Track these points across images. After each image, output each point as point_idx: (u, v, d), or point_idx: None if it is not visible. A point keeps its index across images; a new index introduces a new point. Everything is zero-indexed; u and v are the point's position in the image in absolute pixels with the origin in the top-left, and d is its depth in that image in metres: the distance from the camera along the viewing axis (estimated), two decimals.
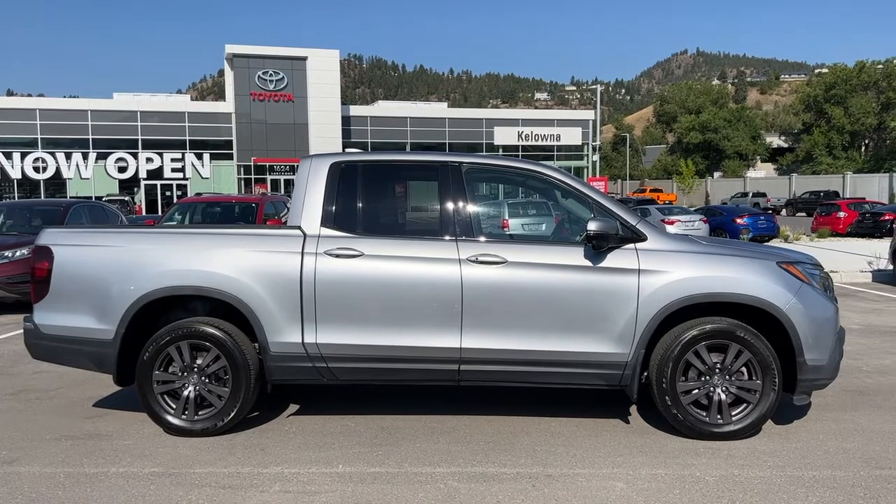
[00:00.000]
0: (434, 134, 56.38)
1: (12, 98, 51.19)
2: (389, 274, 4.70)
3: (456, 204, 4.85)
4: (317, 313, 4.72)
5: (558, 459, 4.35)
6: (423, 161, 5.09)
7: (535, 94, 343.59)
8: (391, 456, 4.43)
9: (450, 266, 4.69)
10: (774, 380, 4.61)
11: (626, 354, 4.65)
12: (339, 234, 4.80)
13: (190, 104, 54.30)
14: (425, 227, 4.91)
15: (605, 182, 39.05)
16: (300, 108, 50.54)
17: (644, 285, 4.63)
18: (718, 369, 4.67)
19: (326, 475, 4.13)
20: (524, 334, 4.68)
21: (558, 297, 4.66)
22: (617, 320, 4.64)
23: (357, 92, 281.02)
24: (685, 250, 4.74)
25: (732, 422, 4.66)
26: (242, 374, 4.77)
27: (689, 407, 4.68)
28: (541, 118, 61.23)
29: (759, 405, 4.64)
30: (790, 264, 4.74)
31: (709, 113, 78.33)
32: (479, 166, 5.08)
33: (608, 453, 4.46)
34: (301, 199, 4.90)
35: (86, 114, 49.91)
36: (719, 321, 4.66)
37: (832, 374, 4.75)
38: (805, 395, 4.77)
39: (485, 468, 4.22)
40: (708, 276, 4.63)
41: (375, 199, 5.00)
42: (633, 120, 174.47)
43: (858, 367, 6.80)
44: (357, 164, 4.99)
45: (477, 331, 4.69)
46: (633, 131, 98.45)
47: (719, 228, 24.32)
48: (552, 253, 4.74)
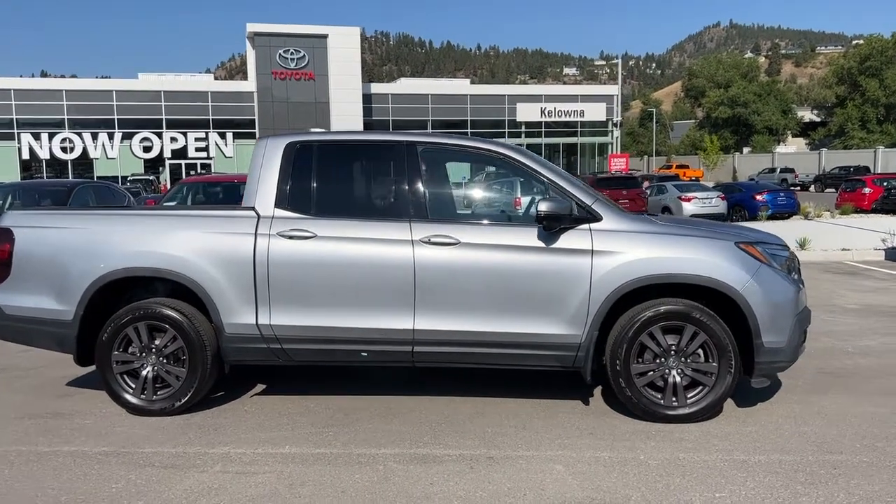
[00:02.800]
0: (456, 111, 56.12)
1: (40, 79, 52.17)
2: (342, 255, 4.69)
3: (410, 184, 4.80)
4: (270, 295, 4.73)
5: (506, 441, 4.33)
6: (379, 141, 5.05)
7: (564, 69, 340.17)
8: (340, 437, 4.45)
9: (403, 247, 4.66)
10: (731, 362, 4.53)
11: (579, 336, 4.60)
12: (292, 215, 4.79)
13: (213, 84, 54.65)
14: (380, 208, 4.88)
15: (626, 158, 38.59)
16: (321, 86, 50.55)
17: (597, 266, 4.56)
18: (674, 351, 4.60)
19: (270, 456, 4.16)
20: (477, 316, 4.65)
21: (510, 279, 4.62)
22: (569, 302, 4.58)
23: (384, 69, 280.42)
24: (641, 230, 4.66)
25: (687, 404, 4.60)
26: (199, 354, 4.81)
27: (644, 389, 4.63)
28: (564, 94, 60.58)
29: (714, 388, 4.57)
30: (749, 244, 4.64)
31: (738, 87, 76.72)
32: (435, 146, 5.02)
33: (557, 435, 4.43)
34: (256, 180, 4.89)
35: (111, 94, 50.45)
36: (674, 302, 4.58)
37: (791, 356, 4.65)
38: (764, 378, 4.68)
39: (430, 450, 4.21)
40: (662, 256, 4.55)
41: (330, 180, 4.97)
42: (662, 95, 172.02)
43: (843, 347, 6.67)
44: (312, 145, 4.96)
45: (430, 312, 4.67)
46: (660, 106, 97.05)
47: (738, 205, 23.95)
48: (505, 234, 4.68)
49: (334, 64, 50.54)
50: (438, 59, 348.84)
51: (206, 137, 51.47)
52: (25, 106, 49.08)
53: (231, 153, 51.50)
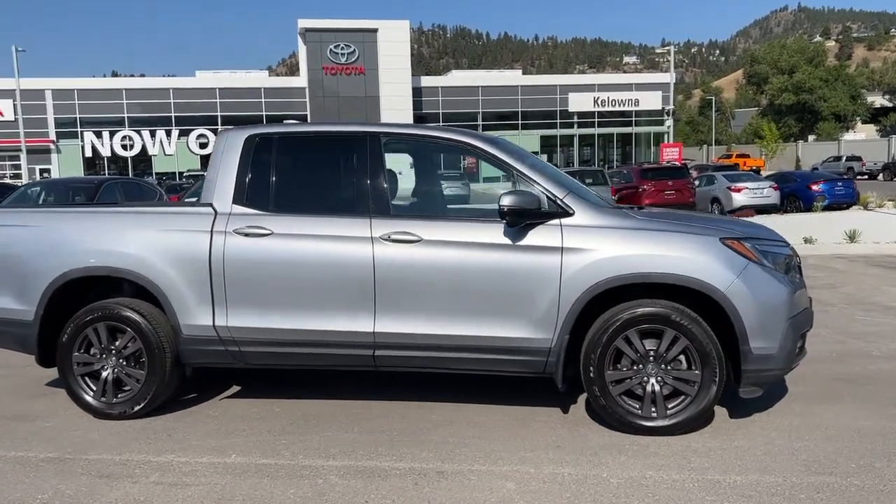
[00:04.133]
0: (506, 103, 55.57)
1: (101, 79, 53.72)
2: (299, 254, 4.46)
3: (372, 178, 4.53)
4: (227, 295, 4.53)
5: (464, 453, 4.03)
6: (340, 132, 4.77)
7: (624, 57, 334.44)
8: (293, 445, 4.22)
9: (362, 245, 4.39)
10: (715, 370, 4.13)
11: (549, 340, 4.26)
12: (250, 211, 4.58)
13: (266, 80, 55.37)
14: (341, 203, 4.61)
15: (679, 148, 37.45)
16: (371, 80, 50.68)
17: (567, 265, 4.21)
18: (652, 357, 4.21)
19: (212, 465, 3.95)
20: (440, 318, 4.35)
21: (474, 278, 4.30)
22: (538, 303, 4.24)
23: (441, 62, 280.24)
24: (616, 226, 4.28)
25: (667, 415, 4.21)
26: (158, 357, 4.64)
27: (621, 398, 4.26)
28: (618, 83, 59.31)
29: (697, 398, 4.17)
30: (736, 240, 4.21)
31: (803, 72, 73.92)
32: (399, 136, 4.74)
33: (521, 447, 4.10)
34: (214, 174, 4.70)
35: (168, 92, 51.65)
36: (652, 304, 4.20)
37: (785, 364, 4.21)
38: (755, 388, 4.25)
39: (380, 462, 3.94)
40: (637, 254, 4.17)
41: (290, 174, 4.73)
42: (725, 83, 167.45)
43: (869, 350, 6.13)
44: (272, 137, 4.73)
45: (391, 314, 4.39)
46: (721, 94, 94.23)
47: (792, 195, 22.93)
48: (470, 230, 4.37)
49: (384, 58, 50.59)
50: (495, 51, 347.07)
51: None
52: (88, 105, 50.62)
53: None
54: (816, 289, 9.32)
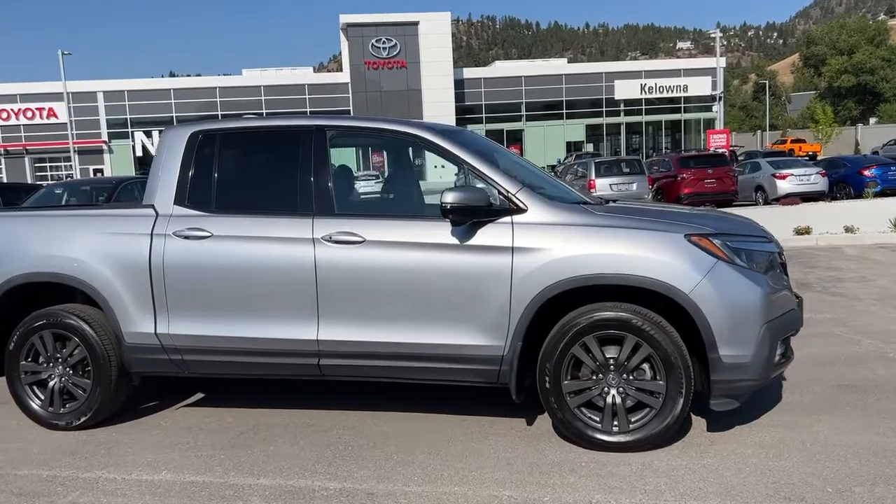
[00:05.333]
0: (550, 92, 54.66)
1: (150, 80, 54.55)
2: (239, 257, 4.21)
3: (317, 174, 4.25)
4: (168, 301, 4.32)
5: (405, 472, 3.73)
6: (285, 126, 4.50)
7: (678, 42, 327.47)
8: (230, 461, 3.98)
9: (303, 247, 4.12)
10: (681, 380, 3.73)
11: (501, 348, 3.92)
12: (191, 212, 4.35)
13: (310, 76, 55.64)
14: (284, 202, 4.32)
15: (727, 135, 36.17)
16: (413, 73, 50.42)
17: (518, 266, 3.86)
18: (613, 366, 3.84)
19: (137, 483, 3.74)
20: (386, 325, 4.06)
21: (421, 282, 3.99)
22: (487, 308, 3.91)
23: (490, 53, 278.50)
24: (572, 223, 3.91)
25: (630, 430, 3.83)
26: (103, 366, 4.46)
27: (579, 411, 3.90)
28: (666, 69, 57.72)
29: (662, 411, 3.78)
30: (703, 237, 3.79)
31: (863, 53, 70.95)
32: (346, 130, 4.45)
33: (469, 465, 3.78)
34: (157, 174, 4.48)
35: (214, 91, 52.32)
36: (612, 308, 3.82)
37: (760, 374, 3.78)
38: (729, 400, 3.84)
39: (312, 481, 3.67)
40: (593, 253, 3.80)
41: (233, 172, 4.49)
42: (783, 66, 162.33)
43: (885, 352, 5.60)
44: (216, 134, 4.49)
45: (335, 321, 4.12)
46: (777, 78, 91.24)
47: (842, 182, 21.89)
48: (416, 229, 4.05)
49: (425, 50, 50.26)
50: (545, 41, 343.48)
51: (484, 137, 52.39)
52: (138, 106, 51.64)
53: None
54: (846, 282, 8.74)
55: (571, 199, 4.54)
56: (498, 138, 55.38)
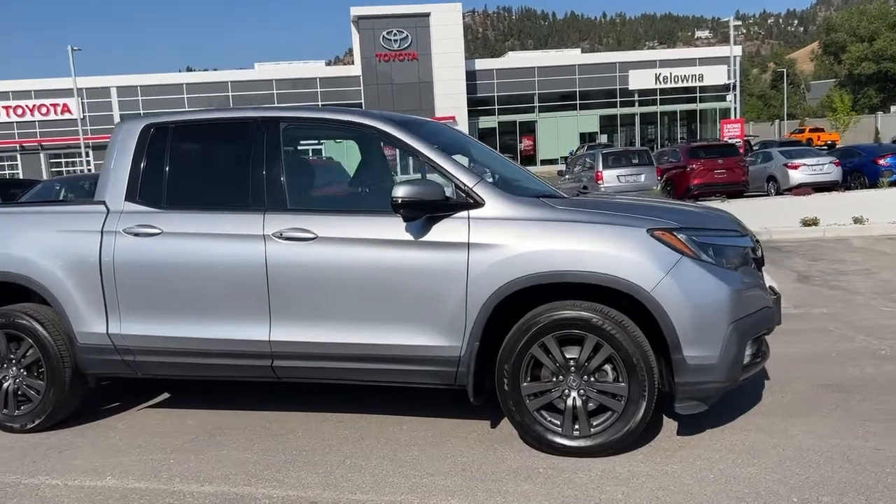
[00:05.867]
0: (563, 83, 54.19)
1: (162, 74, 54.57)
2: (189, 255, 4.07)
3: (269, 168, 4.09)
4: (119, 301, 4.19)
5: (354, 479, 3.57)
6: (237, 118, 4.33)
7: (696, 31, 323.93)
8: (178, 466, 3.84)
9: (254, 244, 3.97)
10: (644, 382, 3.54)
11: (458, 348, 3.75)
12: (142, 209, 4.21)
13: (322, 69, 55.47)
14: (236, 197, 4.16)
15: (741, 124, 35.57)
16: (424, 65, 50.15)
17: (474, 263, 3.68)
18: (573, 368, 3.66)
19: (78, 490, 3.61)
20: (340, 325, 3.90)
21: (375, 280, 3.83)
22: (443, 307, 3.74)
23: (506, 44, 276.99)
24: (531, 217, 3.72)
25: (591, 434, 3.65)
26: (57, 367, 4.34)
27: (539, 414, 3.72)
28: (681, 58, 56.98)
29: (624, 414, 3.59)
30: (667, 232, 3.58)
31: (884, 39, 69.44)
32: (301, 121, 4.28)
33: (421, 473, 3.61)
34: (108, 169, 4.34)
35: (226, 85, 52.37)
36: (572, 306, 3.64)
37: (728, 376, 3.57)
38: (696, 402, 3.64)
39: (257, 488, 3.52)
40: (551, 249, 3.61)
41: (184, 167, 4.34)
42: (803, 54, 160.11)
43: (877, 349, 5.37)
44: (168, 127, 4.34)
45: (287, 321, 3.97)
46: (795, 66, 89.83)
47: (856, 171, 21.44)
48: (371, 225, 3.87)
49: (437, 42, 49.95)
50: (562, 31, 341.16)
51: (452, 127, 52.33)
52: (151, 101, 51.76)
53: None
54: (848, 275, 8.48)
55: (539, 192, 4.35)
56: (511, 130, 55.21)
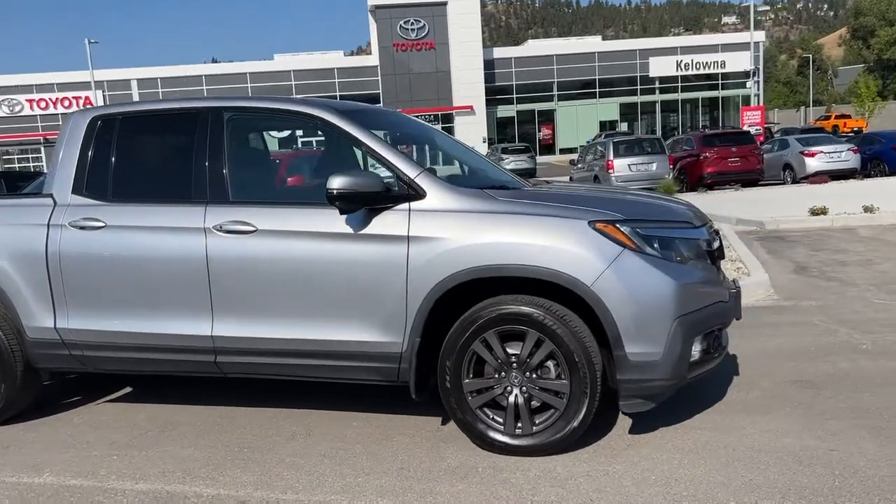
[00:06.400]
0: (583, 70, 53.65)
1: (182, 66, 54.75)
2: (132, 248, 4.01)
3: (212, 159, 4.01)
4: (66, 295, 4.14)
5: (288, 477, 3.49)
6: (182, 109, 4.25)
7: (723, 17, 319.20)
8: (118, 463, 3.78)
9: (195, 237, 3.90)
10: (585, 380, 3.41)
11: (399, 344, 3.65)
12: (88, 202, 4.15)
13: (339, 60, 55.36)
14: (179, 189, 4.08)
15: (761, 112, 34.98)
16: (442, 55, 49.90)
17: (414, 256, 3.58)
18: (515, 364, 3.54)
19: (14, 486, 3.56)
20: (280, 320, 3.82)
21: (315, 274, 3.74)
22: (384, 302, 3.64)
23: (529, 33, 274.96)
24: (473, 209, 3.60)
25: (533, 433, 3.53)
26: (8, 361, 4.31)
27: (481, 412, 3.62)
28: (702, 44, 56.13)
29: (566, 412, 3.47)
30: (610, 224, 3.44)
31: None
32: (244, 111, 4.18)
33: (357, 472, 3.52)
34: (56, 162, 4.29)
35: (245, 76, 52.53)
36: (513, 301, 3.52)
37: (674, 373, 3.43)
38: (641, 400, 3.51)
39: (189, 486, 3.45)
40: (491, 242, 3.49)
41: (130, 158, 4.27)
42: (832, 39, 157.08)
43: (858, 344, 5.17)
44: (115, 118, 4.27)
45: (229, 316, 3.90)
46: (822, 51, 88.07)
47: (876, 159, 21.00)
48: (311, 217, 3.77)
49: (454, 31, 49.65)
50: (586, 18, 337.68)
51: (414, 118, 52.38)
52: (171, 93, 52.07)
53: None
54: (848, 265, 8.25)
55: (501, 183, 4.25)
56: (529, 119, 54.84)
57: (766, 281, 7.21)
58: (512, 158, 35.03)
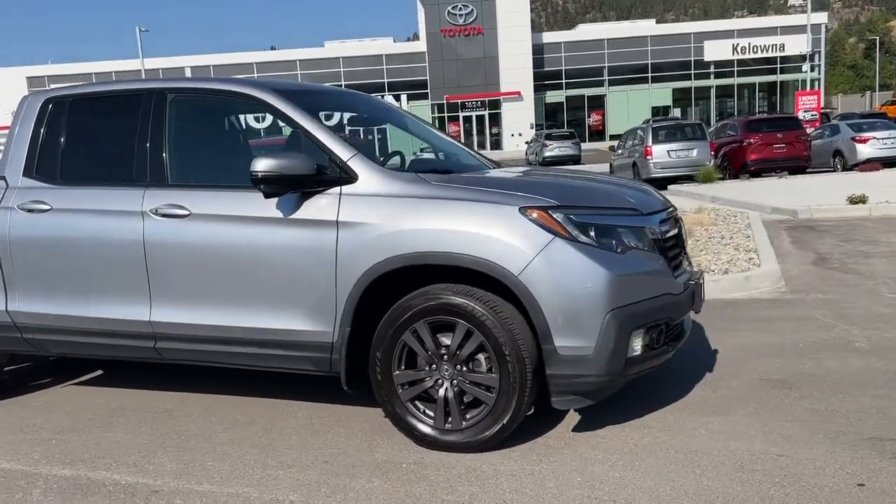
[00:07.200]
0: (634, 55, 52.48)
1: (233, 54, 55.39)
2: (75, 231, 3.98)
3: (153, 141, 3.93)
4: (16, 277, 4.14)
5: (213, 467, 3.41)
6: (128, 90, 4.18)
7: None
8: (56, 447, 3.76)
9: (133, 221, 3.84)
10: (514, 374, 3.23)
11: (330, 334, 3.52)
12: (38, 184, 4.14)
13: (388, 47, 55.33)
14: (122, 171, 4.02)
15: (818, 96, 33.60)
16: (490, 40, 49.46)
17: (343, 243, 3.44)
18: (445, 356, 3.38)
19: None
20: (214, 306, 3.74)
21: (246, 260, 3.64)
22: (314, 289, 3.52)
23: (587, 17, 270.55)
24: (403, 194, 3.44)
25: (462, 428, 3.37)
26: None
27: (412, 404, 3.47)
28: (761, 27, 54.33)
29: (495, 408, 3.29)
30: (542, 210, 3.23)
31: None
32: (187, 92, 4.09)
33: (282, 464, 3.41)
34: (10, 144, 4.28)
35: (295, 64, 53.01)
36: (444, 290, 3.35)
37: (608, 369, 3.21)
38: (576, 396, 3.31)
39: (111, 473, 3.40)
40: (420, 228, 3.33)
41: (78, 141, 4.22)
42: None
43: (851, 341, 4.84)
44: (66, 100, 4.24)
45: (166, 302, 3.83)
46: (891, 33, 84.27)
47: None
48: (243, 201, 3.66)
49: (502, 16, 49.14)
50: (645, 2, 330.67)
51: (382, 100, 52.52)
52: None
53: None
54: (872, 257, 7.82)
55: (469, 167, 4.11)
56: (579, 105, 54.01)
57: (776, 272, 6.84)
58: (556, 145, 34.58)
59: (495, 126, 52.17)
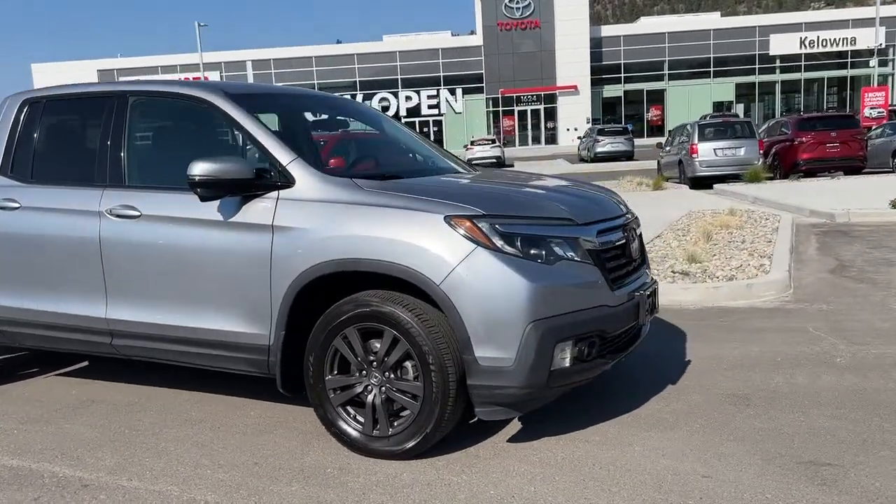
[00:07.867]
0: (698, 49, 51.25)
1: (294, 48, 56.23)
2: (39, 229, 4.12)
3: (112, 143, 4.04)
4: None
5: (148, 464, 3.49)
6: (97, 93, 4.30)
7: None
8: (14, 438, 3.90)
9: (90, 220, 3.96)
10: (437, 382, 3.20)
11: (266, 336, 3.56)
12: (12, 183, 4.30)
13: (443, 40, 55.37)
14: (86, 171, 4.13)
15: (885, 93, 32.18)
16: (547, 33, 49.01)
17: (278, 247, 3.47)
18: (374, 363, 3.38)
19: None
20: (163, 306, 3.83)
21: (188, 261, 3.71)
22: (250, 292, 3.56)
23: (654, 10, 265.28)
24: (337, 200, 3.44)
25: (389, 436, 3.36)
26: None
27: (343, 410, 3.48)
28: (830, 19, 52.30)
29: (420, 416, 3.27)
30: (466, 219, 3.19)
31: None
32: (144, 94, 4.15)
33: (214, 464, 3.47)
34: None
35: (353, 57, 53.57)
36: (373, 297, 3.34)
37: (529, 381, 3.15)
38: (500, 408, 3.26)
39: (52, 465, 3.51)
40: (348, 234, 3.33)
41: (50, 141, 4.38)
42: None
43: (834, 356, 4.64)
44: (41, 101, 4.39)
45: (121, 300, 3.94)
46: None
47: None
48: (186, 204, 3.71)
49: (560, 8, 48.63)
50: None
51: (437, 94, 52.71)
52: (282, 74, 53.91)
53: (461, 109, 52.22)
54: (895, 266, 7.44)
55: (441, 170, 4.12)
56: (638, 99, 53.05)
57: (782, 281, 6.60)
58: (608, 140, 34.03)
59: (551, 120, 51.74)
